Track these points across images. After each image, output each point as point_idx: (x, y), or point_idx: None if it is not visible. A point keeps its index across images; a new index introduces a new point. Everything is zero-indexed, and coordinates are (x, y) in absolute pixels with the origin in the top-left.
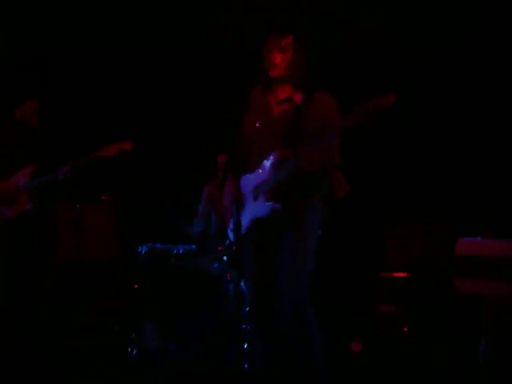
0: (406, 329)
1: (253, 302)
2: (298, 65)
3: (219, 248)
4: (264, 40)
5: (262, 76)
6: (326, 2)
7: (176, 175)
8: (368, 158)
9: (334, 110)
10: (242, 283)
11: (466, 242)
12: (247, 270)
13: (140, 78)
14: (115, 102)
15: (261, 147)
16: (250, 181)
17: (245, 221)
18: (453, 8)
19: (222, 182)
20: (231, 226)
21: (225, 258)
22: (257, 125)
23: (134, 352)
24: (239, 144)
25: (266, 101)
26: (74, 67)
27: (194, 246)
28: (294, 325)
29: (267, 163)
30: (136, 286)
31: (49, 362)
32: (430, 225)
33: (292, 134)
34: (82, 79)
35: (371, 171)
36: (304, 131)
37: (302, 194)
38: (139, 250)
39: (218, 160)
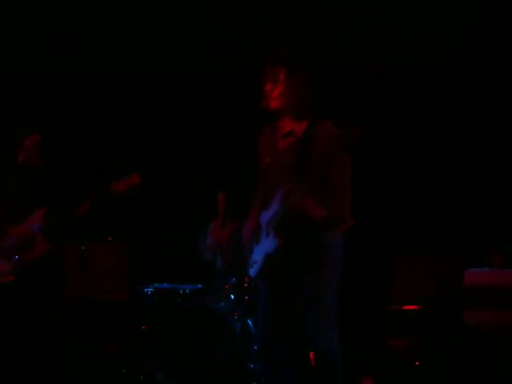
0: (417, 362)
1: (263, 341)
2: (294, 95)
3: (225, 286)
4: (258, 72)
5: (261, 110)
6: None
7: (179, 214)
8: (375, 191)
9: (335, 141)
10: (249, 322)
11: (474, 273)
12: (260, 310)
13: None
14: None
15: (272, 183)
16: (265, 217)
17: (258, 257)
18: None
19: (224, 220)
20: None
21: (232, 296)
22: (266, 160)
23: None
24: (257, 182)
25: (272, 136)
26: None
27: (200, 286)
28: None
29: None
30: (143, 327)
31: None
32: (439, 256)
33: (297, 169)
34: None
35: (377, 204)
36: (308, 165)
37: (308, 232)
38: (145, 290)
39: (218, 199)
